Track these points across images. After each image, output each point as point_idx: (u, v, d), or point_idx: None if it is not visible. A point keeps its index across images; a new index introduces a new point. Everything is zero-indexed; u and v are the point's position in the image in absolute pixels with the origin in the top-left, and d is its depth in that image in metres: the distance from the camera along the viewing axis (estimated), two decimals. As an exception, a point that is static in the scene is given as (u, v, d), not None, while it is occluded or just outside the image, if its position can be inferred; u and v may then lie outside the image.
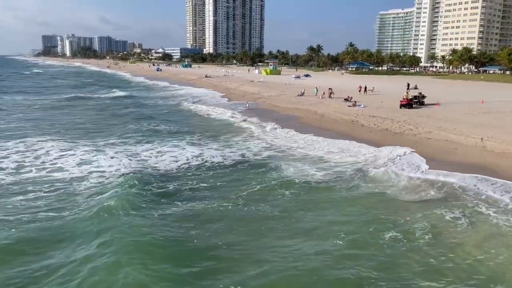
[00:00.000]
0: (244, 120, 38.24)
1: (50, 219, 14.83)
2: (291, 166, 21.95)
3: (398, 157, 23.31)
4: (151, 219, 14.88)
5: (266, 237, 13.81)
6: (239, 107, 47.69)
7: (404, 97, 43.48)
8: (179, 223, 14.68)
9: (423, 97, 46.15)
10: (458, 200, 16.95)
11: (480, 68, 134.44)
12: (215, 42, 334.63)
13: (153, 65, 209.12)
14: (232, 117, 40.74)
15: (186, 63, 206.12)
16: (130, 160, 22.91)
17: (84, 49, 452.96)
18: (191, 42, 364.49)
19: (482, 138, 25.81)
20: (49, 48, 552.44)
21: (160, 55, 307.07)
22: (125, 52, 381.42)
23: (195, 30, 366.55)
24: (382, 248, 13.06)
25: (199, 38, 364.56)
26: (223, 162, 23.19)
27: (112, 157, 23.29)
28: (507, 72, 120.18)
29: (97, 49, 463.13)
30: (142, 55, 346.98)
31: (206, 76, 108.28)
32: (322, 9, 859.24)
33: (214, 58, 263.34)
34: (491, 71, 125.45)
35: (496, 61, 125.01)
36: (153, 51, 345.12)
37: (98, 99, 59.16)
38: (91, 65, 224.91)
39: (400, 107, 41.82)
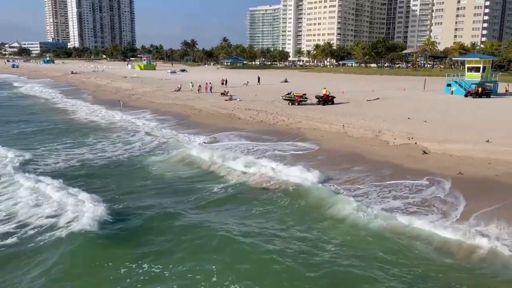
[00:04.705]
0: (117, 118, 36.36)
1: None
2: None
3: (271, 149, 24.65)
4: None
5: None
6: (111, 105, 45.12)
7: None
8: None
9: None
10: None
11: (340, 62, 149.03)
12: (81, 36, 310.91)
13: (8, 61, 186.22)
14: (103, 115, 38.44)
15: (48, 58, 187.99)
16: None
17: None
18: (52, 35, 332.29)
19: (343, 125, 28.62)
20: None
21: (16, 50, 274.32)
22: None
23: (56, 22, 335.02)
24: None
25: (62, 31, 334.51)
26: (98, 162, 21.91)
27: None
28: (362, 65, 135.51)
29: None
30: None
31: (72, 73, 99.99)
32: (195, 3, 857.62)
33: (80, 53, 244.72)
34: (349, 64, 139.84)
35: (353, 55, 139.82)
36: (6, 45, 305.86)
37: None
38: None
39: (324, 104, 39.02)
